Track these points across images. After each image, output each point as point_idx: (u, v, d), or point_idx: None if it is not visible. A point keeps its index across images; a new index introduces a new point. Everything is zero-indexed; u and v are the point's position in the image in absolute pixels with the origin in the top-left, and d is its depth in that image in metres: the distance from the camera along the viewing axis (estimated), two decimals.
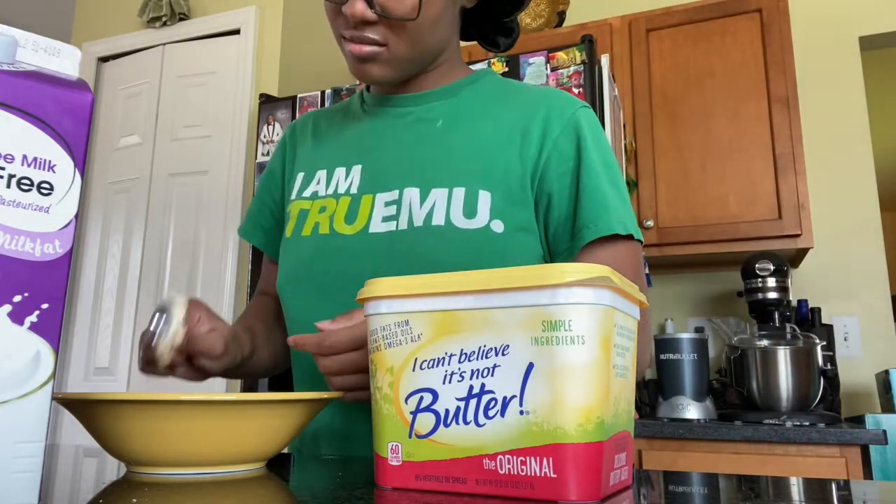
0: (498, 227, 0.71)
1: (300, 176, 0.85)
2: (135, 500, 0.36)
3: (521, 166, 0.74)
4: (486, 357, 0.39)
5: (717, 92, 2.34)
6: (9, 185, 0.33)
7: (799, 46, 2.66)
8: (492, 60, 2.08)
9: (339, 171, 0.81)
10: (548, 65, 1.98)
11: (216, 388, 2.39)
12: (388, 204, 0.75)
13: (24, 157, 0.34)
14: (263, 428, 0.47)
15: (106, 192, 2.80)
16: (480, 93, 0.82)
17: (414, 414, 0.41)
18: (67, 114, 0.35)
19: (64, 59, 0.38)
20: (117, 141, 2.83)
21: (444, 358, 0.40)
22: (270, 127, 2.36)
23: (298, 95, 2.34)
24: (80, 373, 2.67)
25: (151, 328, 0.67)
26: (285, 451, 0.87)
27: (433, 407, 0.40)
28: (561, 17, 2.76)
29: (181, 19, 2.78)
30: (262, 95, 2.41)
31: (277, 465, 0.54)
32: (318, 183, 0.82)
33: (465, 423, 0.39)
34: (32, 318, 0.33)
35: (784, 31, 2.29)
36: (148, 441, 0.45)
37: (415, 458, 0.40)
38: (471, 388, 0.39)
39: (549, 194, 0.74)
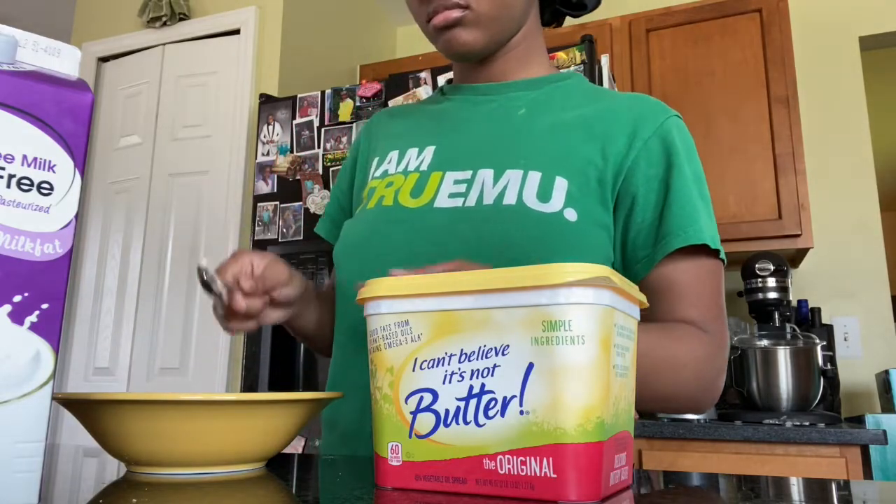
0: (571, 215, 0.69)
1: (375, 161, 0.85)
2: (135, 500, 0.36)
3: (602, 161, 0.72)
4: (486, 357, 0.39)
5: (717, 92, 2.34)
6: (9, 185, 0.33)
7: (799, 46, 2.66)
8: None
9: (412, 151, 0.80)
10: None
11: (216, 389, 2.39)
12: (457, 182, 0.74)
13: (24, 157, 0.34)
14: (263, 428, 0.47)
15: (106, 192, 2.80)
16: (567, 90, 0.80)
17: (414, 414, 0.41)
18: (67, 114, 0.35)
19: (64, 59, 0.38)
20: (117, 141, 2.83)
21: (444, 358, 0.40)
22: (270, 127, 2.36)
23: (298, 95, 2.34)
24: (80, 373, 2.67)
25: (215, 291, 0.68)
26: (294, 451, 0.86)
27: (433, 407, 0.40)
28: None
29: (181, 19, 2.78)
30: (262, 95, 2.41)
31: (277, 465, 0.54)
32: (390, 162, 0.82)
33: (465, 423, 0.39)
34: (32, 318, 0.33)
35: (784, 31, 2.29)
36: (148, 441, 0.45)
37: (415, 458, 0.40)
38: (471, 388, 0.39)
39: (634, 196, 0.71)
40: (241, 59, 2.64)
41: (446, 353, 0.40)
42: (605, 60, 2.01)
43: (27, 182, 0.34)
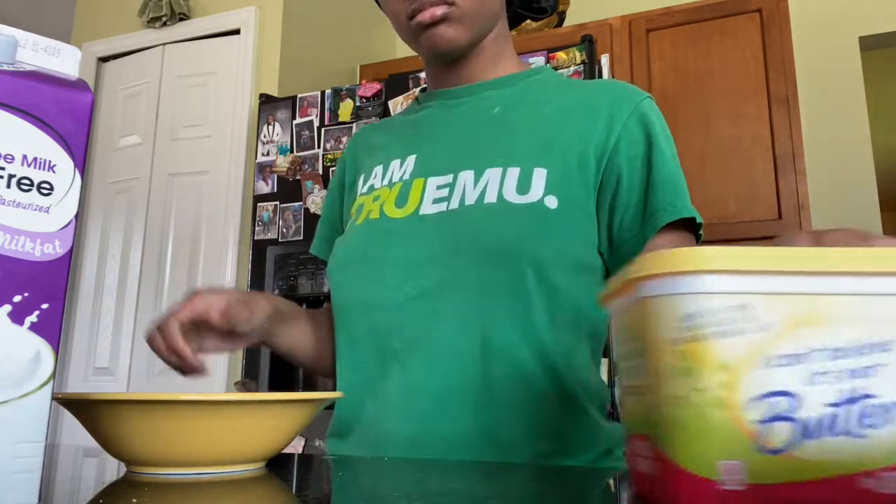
0: (552, 202, 0.69)
1: (361, 178, 0.86)
2: (135, 501, 0.36)
3: (581, 145, 0.73)
4: (865, 354, 0.32)
5: (717, 92, 2.34)
6: (9, 185, 0.33)
7: (799, 46, 2.66)
8: None
9: (395, 163, 0.82)
10: (548, 65, 1.98)
11: (216, 389, 2.39)
12: (440, 187, 0.75)
13: (24, 157, 0.34)
14: (263, 428, 0.47)
15: (106, 192, 2.80)
16: (539, 84, 0.81)
17: (763, 423, 0.32)
18: (67, 114, 0.35)
19: (64, 59, 0.38)
20: (117, 141, 2.83)
21: (806, 354, 0.32)
22: (270, 127, 2.36)
23: (298, 95, 2.34)
24: (80, 373, 2.67)
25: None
26: (294, 451, 0.86)
27: (791, 414, 0.32)
28: (561, 17, 2.76)
29: (181, 19, 2.77)
30: (262, 95, 2.41)
31: (277, 465, 0.54)
32: (375, 177, 0.83)
33: (839, 434, 0.32)
34: (32, 318, 0.33)
35: (784, 31, 2.29)
36: (148, 441, 0.45)
37: (763, 480, 0.32)
38: (846, 391, 0.32)
39: (619, 176, 0.72)
40: (241, 59, 2.64)
41: (809, 348, 0.32)
42: (605, 60, 2.01)
43: (27, 182, 0.34)
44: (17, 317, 0.33)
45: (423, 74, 2.13)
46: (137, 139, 2.77)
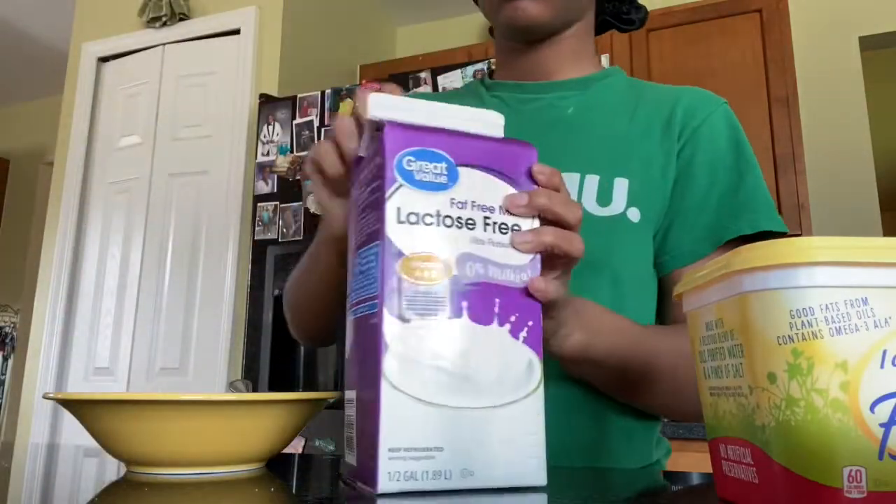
0: (634, 215, 0.67)
1: None
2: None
3: (663, 157, 0.71)
4: None
5: (717, 92, 2.33)
6: (494, 231, 0.42)
7: (799, 46, 2.66)
8: (491, 60, 2.07)
9: None
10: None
11: (216, 389, 2.39)
12: None
13: (500, 206, 0.43)
14: (263, 428, 0.47)
15: (106, 192, 2.80)
16: (613, 87, 0.78)
17: (887, 427, 0.30)
18: (523, 168, 0.44)
19: (488, 124, 0.45)
20: (117, 141, 2.83)
21: None
22: (270, 127, 2.36)
23: (298, 95, 2.34)
24: (80, 373, 2.67)
25: None
26: (294, 451, 0.86)
27: None
28: None
29: (181, 19, 2.77)
30: (262, 95, 2.41)
31: (277, 465, 0.54)
32: None
33: None
34: (524, 333, 0.41)
35: (784, 31, 2.29)
36: (148, 441, 0.45)
37: (884, 488, 0.30)
38: None
39: (685, 188, 0.70)
40: (241, 59, 2.64)
41: None
42: (605, 60, 2.01)
43: (504, 226, 0.42)
44: (514, 333, 0.41)
45: (423, 74, 2.13)
46: (137, 139, 2.77)
